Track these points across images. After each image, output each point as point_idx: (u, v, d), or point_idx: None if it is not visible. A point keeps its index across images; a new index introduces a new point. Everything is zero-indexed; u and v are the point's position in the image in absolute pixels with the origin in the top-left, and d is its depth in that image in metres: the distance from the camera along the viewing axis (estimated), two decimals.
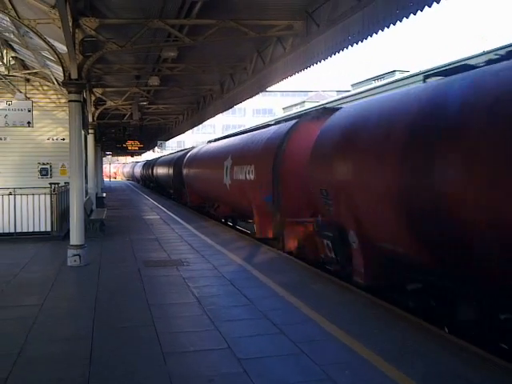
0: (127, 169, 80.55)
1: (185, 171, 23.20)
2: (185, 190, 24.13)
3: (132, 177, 70.45)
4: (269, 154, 11.38)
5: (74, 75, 9.70)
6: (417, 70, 23.61)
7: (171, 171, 28.25)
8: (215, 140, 25.02)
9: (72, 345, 5.38)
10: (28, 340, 5.50)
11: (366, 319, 6.16)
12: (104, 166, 56.29)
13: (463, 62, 14.03)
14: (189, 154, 23.67)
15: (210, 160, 18.29)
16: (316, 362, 4.80)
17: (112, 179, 79.33)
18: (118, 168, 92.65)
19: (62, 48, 10.31)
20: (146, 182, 49.79)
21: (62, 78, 10.02)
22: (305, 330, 5.75)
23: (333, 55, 9.73)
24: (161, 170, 34.25)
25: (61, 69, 9.91)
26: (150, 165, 43.14)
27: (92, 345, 5.31)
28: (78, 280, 8.84)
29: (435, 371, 4.60)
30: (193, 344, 5.35)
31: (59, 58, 9.79)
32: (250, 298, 7.13)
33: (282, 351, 5.13)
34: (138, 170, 60.08)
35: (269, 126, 15.90)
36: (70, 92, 9.81)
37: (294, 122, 11.52)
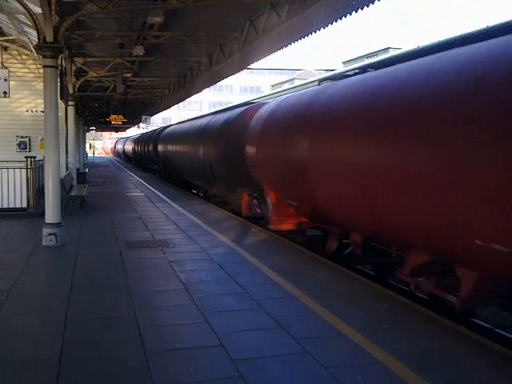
0: (120, 145, 64.82)
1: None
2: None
3: (123, 154, 60.64)
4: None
5: (50, 38, 8.81)
6: (410, 48, 22.93)
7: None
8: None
9: (37, 345, 4.66)
10: None
11: (376, 311, 5.55)
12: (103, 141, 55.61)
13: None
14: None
15: None
16: (323, 363, 4.16)
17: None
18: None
19: (38, 11, 9.40)
20: (141, 161, 39.89)
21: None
22: (307, 324, 5.11)
23: (334, 22, 8.92)
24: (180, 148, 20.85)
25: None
26: (149, 140, 31.95)
27: (63, 341, 4.61)
28: (53, 262, 8.11)
29: None
30: (179, 340, 4.68)
31: (33, 19, 8.90)
32: (243, 285, 6.47)
33: (282, 349, 4.48)
34: (128, 147, 50.30)
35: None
36: (44, 56, 8.93)
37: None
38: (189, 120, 26.01)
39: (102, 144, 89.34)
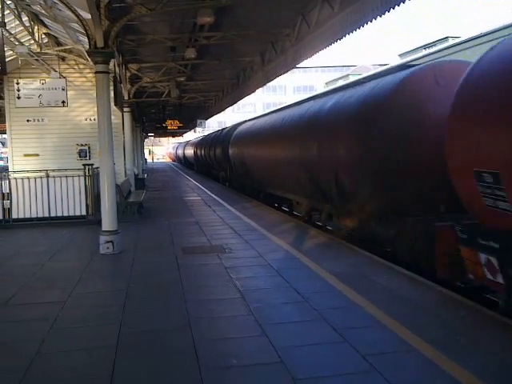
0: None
1: None
2: None
3: (183, 159, 56.08)
4: None
5: (100, 43, 8.76)
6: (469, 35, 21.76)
7: None
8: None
9: (91, 358, 4.47)
10: (41, 350, 4.62)
11: (450, 324, 5.02)
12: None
13: None
14: None
15: None
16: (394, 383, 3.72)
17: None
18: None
19: (88, 17, 9.40)
20: (204, 167, 35.85)
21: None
22: (374, 338, 4.67)
23: (390, 9, 8.40)
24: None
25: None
26: (215, 141, 27.44)
27: (115, 357, 4.39)
28: (109, 271, 8.01)
29: None
30: (237, 356, 4.35)
31: (83, 24, 8.86)
32: (303, 293, 6.09)
33: (348, 367, 4.07)
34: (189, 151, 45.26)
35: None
36: (96, 62, 8.89)
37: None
38: (271, 112, 20.37)
39: (166, 150, 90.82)
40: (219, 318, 5.34)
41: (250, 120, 22.56)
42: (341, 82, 40.66)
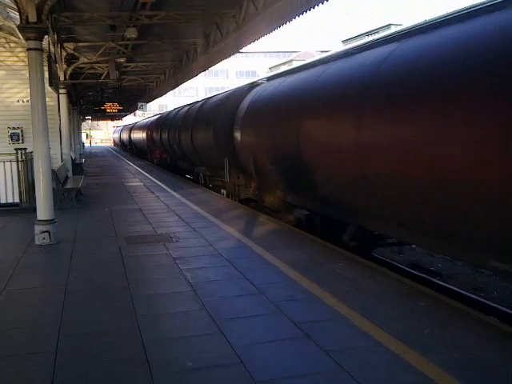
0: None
1: None
2: None
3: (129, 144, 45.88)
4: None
5: (33, 18, 8.01)
6: (412, 24, 22.00)
7: None
8: None
9: (26, 366, 3.98)
10: None
11: (412, 312, 4.87)
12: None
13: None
14: None
15: None
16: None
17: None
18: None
19: None
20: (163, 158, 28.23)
21: None
22: (337, 333, 4.43)
23: None
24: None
25: None
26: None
27: (55, 364, 3.93)
28: (46, 264, 7.40)
29: None
30: (192, 358, 3.99)
31: None
32: (257, 285, 5.79)
33: (313, 367, 3.80)
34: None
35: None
36: (28, 38, 8.14)
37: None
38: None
39: (105, 133, 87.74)
40: (169, 315, 4.95)
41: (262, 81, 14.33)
42: (284, 68, 40.47)
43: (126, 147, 49.84)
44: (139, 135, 36.35)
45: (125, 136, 49.90)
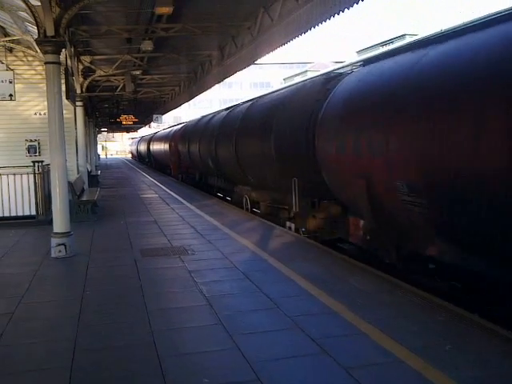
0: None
1: None
2: None
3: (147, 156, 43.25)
4: None
5: (50, 32, 8.10)
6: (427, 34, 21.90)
7: None
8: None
9: (41, 382, 3.95)
10: None
11: (431, 326, 4.76)
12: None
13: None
14: None
15: None
16: None
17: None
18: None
19: (37, 4, 8.71)
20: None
21: None
22: (356, 349, 4.33)
23: (359, 1, 8.13)
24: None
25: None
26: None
27: (70, 379, 3.89)
28: (62, 277, 7.40)
29: None
30: (208, 374, 3.93)
31: (32, 12, 8.19)
32: (273, 298, 5.72)
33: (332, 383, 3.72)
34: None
35: None
36: (46, 52, 8.22)
37: None
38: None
39: (122, 145, 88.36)
40: (185, 330, 4.90)
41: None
42: (299, 78, 40.53)
43: (144, 160, 46.39)
44: (160, 147, 32.73)
45: (142, 148, 46.55)
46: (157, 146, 34.90)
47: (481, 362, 3.98)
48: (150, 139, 39.92)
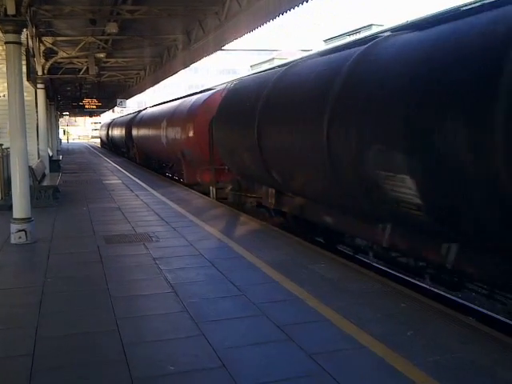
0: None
1: None
2: None
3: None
4: None
5: (11, 10, 7.81)
6: (393, 25, 22.16)
7: None
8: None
9: (2, 371, 3.86)
10: None
11: (394, 313, 4.86)
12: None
13: None
14: None
15: None
16: None
17: None
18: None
19: None
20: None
21: None
22: (320, 334, 4.39)
23: None
24: None
25: None
26: None
27: (32, 367, 3.81)
28: (22, 264, 7.21)
29: None
30: (173, 361, 3.92)
31: None
32: (239, 286, 5.73)
33: (295, 370, 3.76)
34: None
35: None
36: (6, 32, 7.93)
37: None
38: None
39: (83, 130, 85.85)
40: (150, 317, 4.86)
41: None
42: (266, 66, 40.36)
43: (119, 149, 36.90)
44: (144, 132, 23.52)
45: (117, 133, 36.36)
46: (142, 132, 24.05)
47: (441, 347, 4.09)
48: (130, 121, 29.17)
